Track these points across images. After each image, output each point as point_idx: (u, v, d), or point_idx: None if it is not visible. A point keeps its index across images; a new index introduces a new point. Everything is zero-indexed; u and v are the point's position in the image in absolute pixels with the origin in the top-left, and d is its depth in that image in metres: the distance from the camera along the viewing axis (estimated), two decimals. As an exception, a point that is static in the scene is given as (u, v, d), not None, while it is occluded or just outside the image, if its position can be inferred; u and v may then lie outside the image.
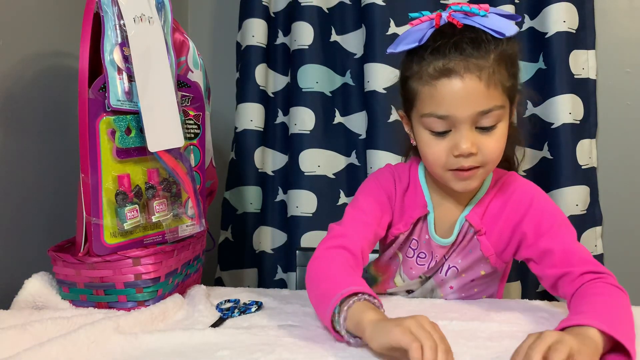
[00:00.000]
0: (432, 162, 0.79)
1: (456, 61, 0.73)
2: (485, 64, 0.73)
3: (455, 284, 0.89)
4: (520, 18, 0.87)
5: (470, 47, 0.73)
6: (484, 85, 0.73)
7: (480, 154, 0.75)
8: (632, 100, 1.29)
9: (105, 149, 0.82)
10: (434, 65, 0.74)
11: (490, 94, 0.73)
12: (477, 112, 0.73)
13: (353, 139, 1.38)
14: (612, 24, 1.29)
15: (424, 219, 0.87)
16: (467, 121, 0.74)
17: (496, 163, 0.79)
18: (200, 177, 0.98)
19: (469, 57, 0.73)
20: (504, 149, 0.78)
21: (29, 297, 0.85)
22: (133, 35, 0.82)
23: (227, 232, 1.45)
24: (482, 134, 0.75)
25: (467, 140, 0.74)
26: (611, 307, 0.65)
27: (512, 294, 1.25)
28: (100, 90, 0.80)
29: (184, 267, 0.95)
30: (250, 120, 1.40)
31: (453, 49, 0.73)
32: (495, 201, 0.84)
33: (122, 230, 0.84)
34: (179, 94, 0.91)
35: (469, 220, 0.83)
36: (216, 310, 0.85)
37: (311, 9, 1.35)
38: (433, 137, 0.77)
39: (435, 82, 0.74)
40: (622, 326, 0.61)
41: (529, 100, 1.27)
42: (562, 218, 0.81)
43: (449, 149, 0.76)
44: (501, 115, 0.75)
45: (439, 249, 0.87)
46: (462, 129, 0.74)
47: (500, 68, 0.74)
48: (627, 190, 1.30)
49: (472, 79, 0.73)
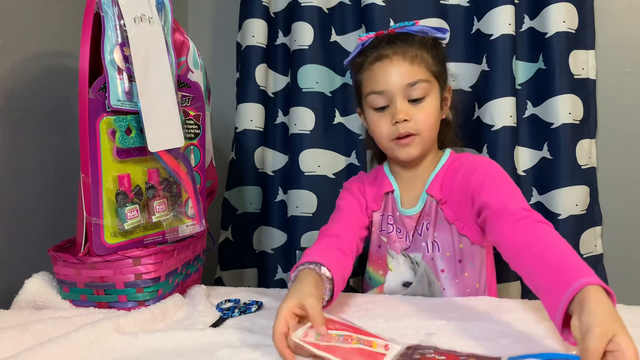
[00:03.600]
0: (379, 135, 0.96)
1: (387, 49, 0.94)
2: (409, 49, 0.93)
3: (445, 266, 0.94)
4: (447, 32, 0.99)
5: (399, 40, 0.94)
6: (408, 62, 0.92)
7: (413, 122, 0.91)
8: (631, 101, 1.29)
9: (106, 149, 0.82)
10: (371, 56, 0.95)
11: (415, 70, 0.92)
12: (405, 84, 0.91)
13: (353, 139, 1.38)
14: (612, 24, 1.29)
15: (392, 196, 1.01)
16: (399, 93, 0.92)
17: (430, 133, 0.94)
18: (201, 177, 0.98)
19: (396, 46, 0.94)
20: (436, 122, 0.95)
21: (30, 297, 0.85)
22: (133, 35, 0.82)
23: (227, 232, 1.45)
24: (413, 106, 0.92)
25: (401, 109, 0.91)
26: (571, 254, 0.67)
27: (512, 294, 1.25)
28: (101, 90, 0.81)
29: (184, 267, 0.95)
30: (250, 120, 1.40)
31: (384, 42, 0.95)
32: (450, 174, 0.96)
33: (122, 230, 0.84)
34: (179, 94, 0.91)
35: (430, 193, 0.96)
36: (216, 310, 0.85)
37: (311, 9, 1.35)
38: (376, 113, 0.95)
39: (372, 67, 0.95)
40: (587, 269, 0.62)
41: (530, 102, 1.27)
42: (504, 177, 0.91)
43: (389, 121, 0.92)
44: (427, 89, 0.93)
45: (408, 220, 0.98)
46: (397, 101, 0.92)
47: (423, 52, 0.94)
48: (627, 190, 1.30)
49: (398, 59, 0.93)
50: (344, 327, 0.68)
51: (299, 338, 0.64)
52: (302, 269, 0.79)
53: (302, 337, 0.64)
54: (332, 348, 0.63)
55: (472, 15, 1.30)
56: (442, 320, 0.76)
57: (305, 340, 0.64)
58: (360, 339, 0.65)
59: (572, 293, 0.58)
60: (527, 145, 1.28)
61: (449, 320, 0.75)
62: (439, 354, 0.61)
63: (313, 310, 0.67)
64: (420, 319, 0.77)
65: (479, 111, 1.27)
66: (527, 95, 1.28)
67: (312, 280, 0.76)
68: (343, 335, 0.66)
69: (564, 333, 0.60)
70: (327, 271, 0.78)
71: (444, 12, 1.31)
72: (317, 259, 0.79)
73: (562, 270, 0.63)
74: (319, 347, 0.62)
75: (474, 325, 0.73)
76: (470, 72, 1.29)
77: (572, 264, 0.64)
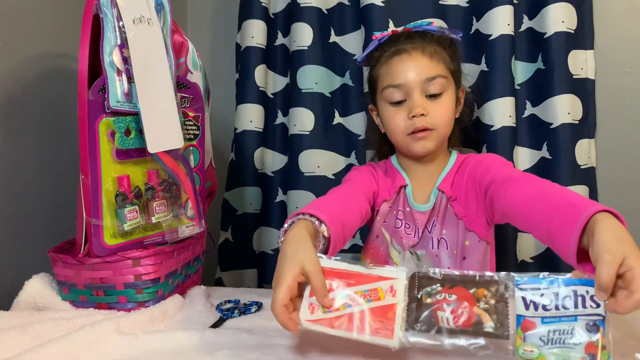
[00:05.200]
0: (394, 130, 0.96)
1: (405, 44, 0.95)
2: (428, 45, 0.94)
3: (451, 264, 0.95)
4: (460, 33, 1.02)
5: (417, 36, 0.96)
6: (427, 57, 0.93)
7: (430, 116, 0.92)
8: (630, 100, 1.29)
9: (105, 150, 0.82)
10: (389, 51, 0.96)
11: (434, 65, 0.93)
12: (424, 78, 0.92)
13: (352, 139, 1.38)
14: (611, 24, 1.29)
15: (404, 191, 1.00)
16: (417, 88, 0.92)
17: (446, 129, 0.96)
18: (200, 178, 0.98)
19: (415, 41, 0.95)
20: (451, 119, 0.96)
21: (30, 298, 0.85)
22: (132, 36, 0.82)
23: (227, 233, 1.45)
24: (430, 101, 0.93)
25: (418, 103, 0.91)
26: (576, 194, 0.70)
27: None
28: (100, 91, 0.81)
29: (183, 267, 0.95)
30: (249, 121, 1.40)
31: (403, 38, 0.96)
32: (460, 173, 0.98)
33: (122, 231, 0.84)
34: (179, 95, 0.91)
35: (442, 189, 0.97)
36: (216, 311, 0.85)
37: (310, 10, 1.35)
38: (393, 107, 0.95)
39: (390, 61, 0.95)
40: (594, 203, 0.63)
41: (529, 102, 1.28)
42: (509, 163, 0.95)
43: (406, 115, 0.93)
44: (445, 85, 0.94)
45: (420, 215, 0.98)
46: (414, 95, 0.92)
47: (441, 50, 0.95)
48: (627, 190, 1.30)
49: (417, 54, 0.94)
50: (345, 280, 0.65)
51: (307, 320, 0.62)
52: (300, 219, 0.74)
53: (310, 317, 0.63)
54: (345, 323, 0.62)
55: (471, 16, 1.30)
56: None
57: (316, 321, 0.62)
58: (365, 292, 0.64)
59: (582, 224, 0.60)
60: (526, 145, 1.28)
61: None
62: (448, 292, 0.62)
63: (317, 281, 0.63)
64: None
65: (478, 111, 1.27)
66: (526, 95, 1.28)
67: (310, 238, 0.70)
68: (348, 294, 0.64)
69: (583, 266, 0.61)
70: (326, 230, 0.74)
71: (443, 12, 1.31)
72: (317, 213, 0.74)
73: (570, 207, 0.64)
74: (333, 326, 0.62)
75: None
76: (470, 72, 1.29)
77: (579, 201, 0.65)
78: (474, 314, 0.60)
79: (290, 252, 0.66)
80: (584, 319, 0.56)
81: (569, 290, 0.58)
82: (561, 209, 0.66)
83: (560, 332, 0.56)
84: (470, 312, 0.60)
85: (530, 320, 0.58)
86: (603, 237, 0.57)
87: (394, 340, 0.60)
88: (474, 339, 0.58)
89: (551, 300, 0.58)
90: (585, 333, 0.56)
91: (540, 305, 0.58)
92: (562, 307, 0.57)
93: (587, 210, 0.60)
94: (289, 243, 0.69)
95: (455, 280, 0.63)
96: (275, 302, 0.62)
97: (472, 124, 1.27)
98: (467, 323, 0.59)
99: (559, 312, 0.57)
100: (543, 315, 0.58)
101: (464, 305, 0.60)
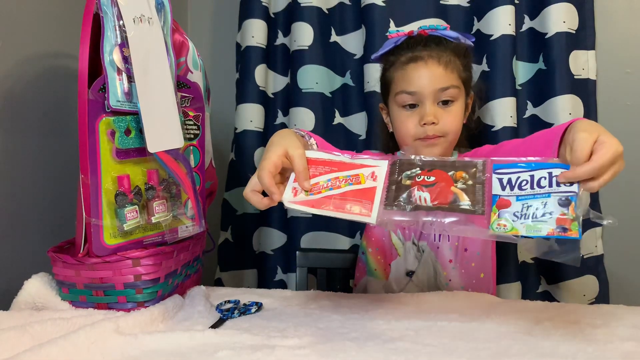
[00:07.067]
0: (404, 134, 0.98)
1: (422, 52, 0.96)
2: (443, 54, 0.96)
3: (453, 256, 0.96)
4: (473, 38, 1.03)
5: (433, 43, 0.97)
6: (442, 67, 0.95)
7: (440, 124, 0.95)
8: (632, 101, 1.29)
9: (105, 149, 0.82)
10: (405, 56, 0.98)
11: (448, 75, 0.95)
12: (438, 88, 0.94)
13: (353, 139, 1.38)
14: (612, 24, 1.29)
15: None
16: (430, 97, 0.95)
17: (455, 136, 0.98)
18: (200, 177, 0.98)
19: (431, 49, 0.96)
20: (460, 126, 0.99)
21: (29, 298, 0.85)
22: (133, 36, 0.82)
23: (227, 233, 1.44)
24: (442, 108, 0.96)
25: (430, 112, 0.94)
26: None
27: (512, 294, 1.24)
28: (100, 91, 0.80)
29: (183, 267, 0.95)
30: (250, 120, 1.40)
31: (420, 45, 0.97)
32: None
33: (121, 231, 0.84)
34: (179, 94, 0.91)
35: None
36: (216, 311, 0.85)
37: (311, 10, 1.35)
38: (404, 111, 0.98)
39: (406, 67, 0.97)
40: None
41: (530, 102, 1.27)
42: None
43: (417, 121, 0.95)
44: (457, 94, 0.96)
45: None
46: (427, 103, 0.95)
47: (456, 59, 0.98)
48: (627, 190, 1.29)
49: (433, 63, 0.96)
50: (327, 167, 0.69)
51: (289, 201, 0.65)
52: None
53: (293, 199, 0.66)
54: (324, 201, 0.64)
55: (472, 16, 1.30)
56: (443, 322, 0.75)
57: (298, 202, 0.65)
58: (346, 177, 0.66)
59: (562, 131, 0.65)
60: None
61: (450, 322, 0.75)
62: (427, 174, 0.64)
63: (299, 165, 0.67)
64: (421, 320, 0.77)
65: (479, 111, 1.27)
66: (528, 96, 1.28)
67: (297, 137, 0.76)
68: (330, 179, 0.66)
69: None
70: (315, 144, 0.80)
71: (444, 12, 1.31)
72: (309, 133, 0.81)
73: (554, 130, 0.70)
74: (314, 205, 0.64)
75: (475, 326, 0.73)
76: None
77: (564, 125, 0.69)
78: (451, 192, 0.62)
79: (276, 140, 0.73)
80: (557, 195, 0.58)
81: (545, 172, 0.60)
82: (544, 135, 0.72)
83: (533, 208, 0.58)
84: (447, 191, 0.62)
85: (506, 198, 0.60)
86: (579, 125, 0.62)
87: (371, 217, 0.62)
88: (450, 215, 0.60)
89: (527, 181, 0.60)
90: (557, 207, 0.57)
91: (516, 185, 0.60)
92: (537, 186, 0.59)
93: (569, 123, 0.65)
94: (277, 135, 0.76)
95: (434, 165, 0.65)
96: (262, 168, 0.67)
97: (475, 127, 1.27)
98: (443, 201, 0.61)
99: (533, 190, 0.59)
100: (518, 194, 0.59)
101: (441, 185, 0.62)
